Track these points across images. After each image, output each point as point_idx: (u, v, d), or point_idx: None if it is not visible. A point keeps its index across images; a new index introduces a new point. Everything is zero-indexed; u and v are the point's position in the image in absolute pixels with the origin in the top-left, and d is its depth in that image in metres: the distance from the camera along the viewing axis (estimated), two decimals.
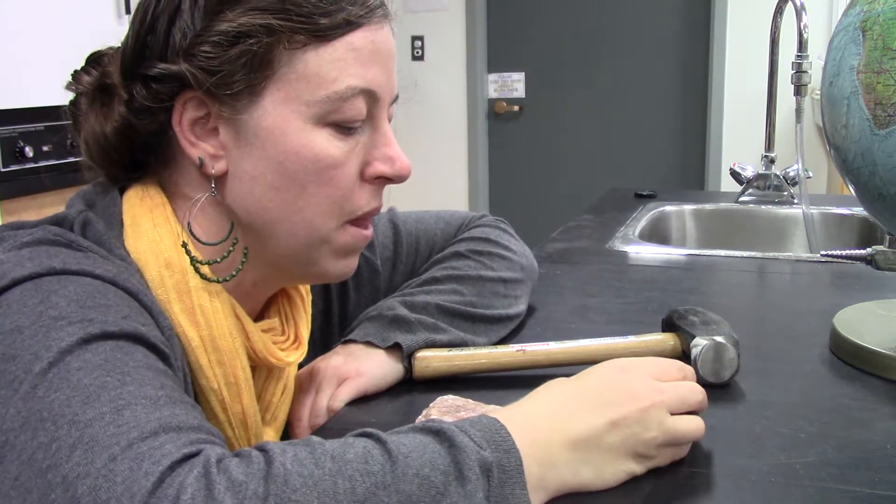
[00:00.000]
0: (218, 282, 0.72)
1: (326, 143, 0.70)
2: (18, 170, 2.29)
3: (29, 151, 2.31)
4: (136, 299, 0.64)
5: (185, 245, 0.71)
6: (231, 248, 0.73)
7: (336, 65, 0.69)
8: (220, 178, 0.72)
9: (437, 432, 0.55)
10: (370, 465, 0.51)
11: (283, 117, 0.69)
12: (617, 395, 0.64)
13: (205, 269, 0.71)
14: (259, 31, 0.67)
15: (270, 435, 0.80)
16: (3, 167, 2.26)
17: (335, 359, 0.85)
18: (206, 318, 0.71)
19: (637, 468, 0.63)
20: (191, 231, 0.72)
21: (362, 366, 0.83)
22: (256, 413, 0.76)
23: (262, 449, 0.51)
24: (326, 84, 0.69)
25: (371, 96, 0.72)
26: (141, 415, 0.51)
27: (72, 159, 2.44)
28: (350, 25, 0.70)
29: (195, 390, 0.72)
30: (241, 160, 0.71)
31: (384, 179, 0.75)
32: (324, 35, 0.69)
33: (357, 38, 0.70)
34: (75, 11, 2.38)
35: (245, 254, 0.74)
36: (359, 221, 0.76)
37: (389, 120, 0.77)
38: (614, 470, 0.62)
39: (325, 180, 0.71)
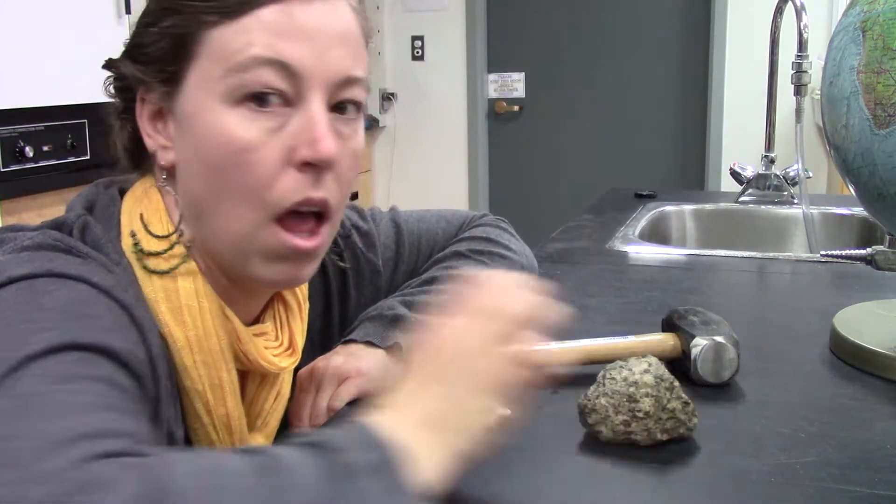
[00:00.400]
0: (157, 273, 0.70)
1: (239, 125, 0.67)
2: (18, 170, 2.29)
3: (29, 151, 2.31)
4: (128, 313, 0.64)
5: (133, 235, 0.71)
6: (177, 241, 0.72)
7: (241, 37, 0.67)
8: (172, 170, 0.72)
9: (315, 444, 0.53)
10: (263, 479, 0.48)
11: (200, 100, 0.68)
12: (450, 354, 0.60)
13: (148, 261, 0.70)
14: (172, 14, 0.68)
15: (260, 441, 0.80)
16: (3, 167, 2.26)
17: (335, 359, 0.84)
18: (192, 318, 0.70)
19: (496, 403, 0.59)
20: (143, 223, 0.72)
21: (363, 365, 0.83)
22: (242, 417, 0.76)
23: (142, 453, 0.49)
24: (231, 56, 0.67)
25: (286, 70, 0.67)
26: (63, 426, 0.50)
27: (72, 159, 2.44)
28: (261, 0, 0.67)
29: (180, 392, 0.71)
30: (180, 149, 0.71)
31: (311, 166, 0.69)
32: (233, 11, 0.67)
33: (269, 11, 0.67)
34: (75, 11, 2.38)
35: (189, 248, 0.72)
36: (290, 224, 0.70)
37: (339, 106, 0.71)
38: (478, 412, 0.58)
39: (239, 164, 0.67)
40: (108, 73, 0.74)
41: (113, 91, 0.74)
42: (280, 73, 0.67)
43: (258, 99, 0.67)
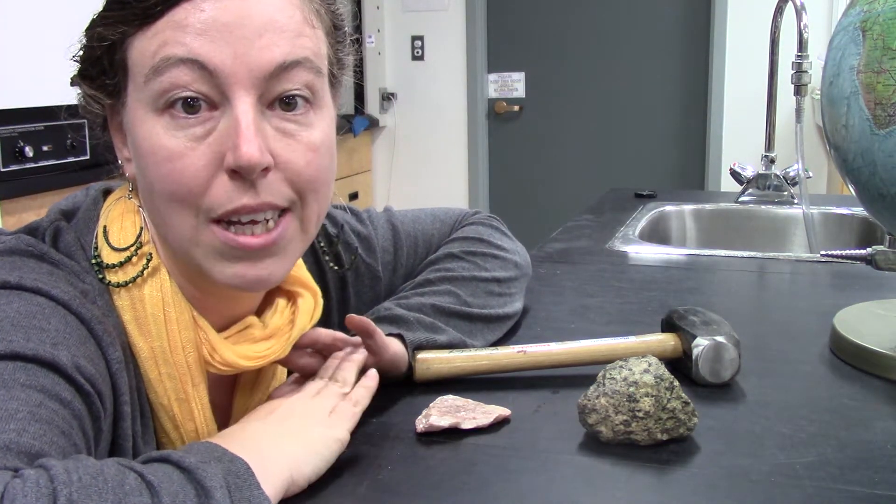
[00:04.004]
0: (118, 286, 0.69)
1: (164, 133, 0.64)
2: (18, 170, 2.30)
3: (29, 151, 2.31)
4: (87, 326, 0.63)
5: (96, 248, 0.70)
6: (134, 254, 0.70)
7: (155, 39, 0.64)
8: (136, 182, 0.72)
9: (167, 460, 0.55)
10: (144, 497, 0.50)
11: (134, 110, 0.67)
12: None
13: (107, 273, 0.69)
14: (97, 27, 0.67)
15: None
16: (3, 167, 2.26)
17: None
18: (157, 329, 0.69)
19: (332, 431, 0.68)
20: (105, 235, 0.71)
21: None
22: (214, 433, 0.73)
23: (45, 468, 0.49)
24: (148, 61, 0.64)
25: (203, 70, 0.63)
26: None
27: (72, 159, 2.44)
28: (170, 1, 0.64)
29: (150, 406, 0.70)
30: (133, 160, 0.70)
31: (239, 173, 0.65)
32: (147, 15, 0.65)
33: (181, 10, 0.64)
34: (75, 11, 2.39)
35: (148, 260, 0.70)
36: (229, 223, 0.67)
37: (285, 101, 0.67)
38: (319, 436, 0.67)
39: (166, 175, 0.65)
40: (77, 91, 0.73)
41: (86, 109, 0.72)
42: (196, 73, 0.63)
43: (185, 105, 0.64)
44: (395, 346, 0.83)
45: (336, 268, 0.91)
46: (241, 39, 0.64)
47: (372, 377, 0.76)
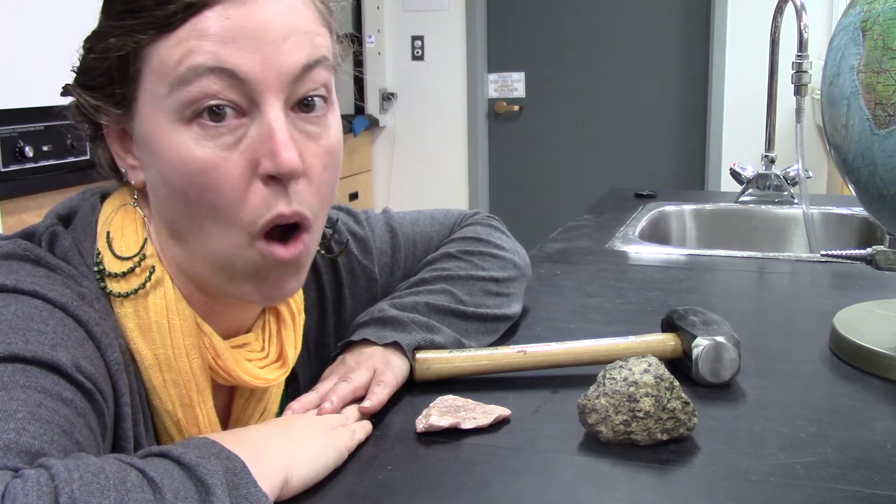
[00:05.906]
0: (119, 296, 0.69)
1: (194, 144, 0.64)
2: (18, 170, 2.30)
3: (29, 151, 2.31)
4: (84, 328, 0.63)
5: (98, 255, 0.70)
6: (137, 264, 0.70)
7: (179, 48, 0.63)
8: (145, 189, 0.71)
9: (167, 456, 0.55)
10: (146, 493, 0.50)
11: (153, 120, 0.65)
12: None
13: (110, 283, 0.69)
14: (108, 37, 0.66)
15: None
16: (3, 167, 2.26)
17: (348, 361, 0.83)
18: (161, 337, 0.69)
19: (332, 440, 0.69)
20: (109, 242, 0.70)
21: (378, 363, 0.82)
22: None
23: (46, 467, 0.49)
24: (172, 71, 0.63)
25: (233, 78, 0.63)
26: None
27: (72, 159, 2.44)
28: (193, 7, 0.63)
29: (151, 412, 0.70)
30: (147, 170, 0.69)
31: (276, 179, 0.65)
32: (167, 23, 0.63)
33: (204, 18, 0.63)
34: (75, 11, 2.39)
35: (151, 273, 0.70)
36: (271, 234, 0.67)
37: (304, 103, 0.67)
38: (318, 442, 0.67)
39: (202, 186, 0.64)
40: (70, 99, 0.72)
41: (78, 117, 0.71)
42: (226, 81, 0.63)
43: (211, 114, 0.63)
44: (394, 360, 0.83)
45: (325, 253, 0.89)
46: (269, 45, 0.64)
47: (367, 427, 0.76)
